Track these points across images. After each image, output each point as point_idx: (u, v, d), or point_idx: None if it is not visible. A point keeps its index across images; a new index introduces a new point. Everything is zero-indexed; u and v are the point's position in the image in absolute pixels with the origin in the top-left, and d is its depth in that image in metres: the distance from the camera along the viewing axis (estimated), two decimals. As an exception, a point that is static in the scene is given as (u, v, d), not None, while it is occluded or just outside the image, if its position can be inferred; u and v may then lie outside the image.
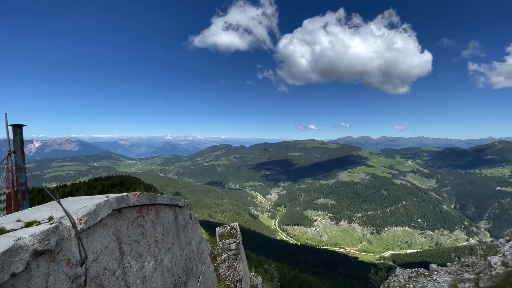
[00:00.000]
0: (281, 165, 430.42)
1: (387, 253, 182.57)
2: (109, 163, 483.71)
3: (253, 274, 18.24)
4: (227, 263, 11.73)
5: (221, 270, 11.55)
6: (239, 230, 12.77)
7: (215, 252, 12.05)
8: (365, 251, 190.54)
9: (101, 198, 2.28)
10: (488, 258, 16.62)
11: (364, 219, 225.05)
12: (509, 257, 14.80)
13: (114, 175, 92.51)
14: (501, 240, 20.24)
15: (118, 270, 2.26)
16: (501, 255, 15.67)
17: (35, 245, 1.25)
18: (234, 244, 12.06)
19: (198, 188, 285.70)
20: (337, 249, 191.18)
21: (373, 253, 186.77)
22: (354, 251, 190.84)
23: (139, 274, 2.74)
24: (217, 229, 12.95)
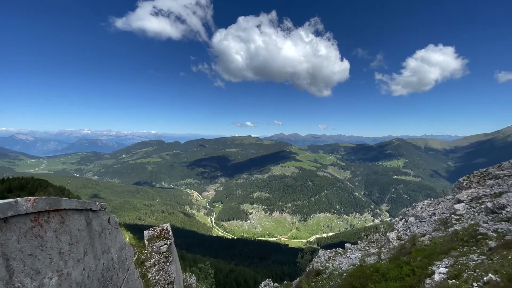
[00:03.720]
0: (218, 162, 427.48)
1: (313, 238, 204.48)
2: (4, 163, 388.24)
3: (187, 274, 17.63)
4: (157, 266, 10.96)
5: (150, 275, 10.72)
6: (170, 231, 12.06)
7: (143, 256, 11.10)
8: (294, 238, 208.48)
9: (-24, 206, 1.87)
10: (387, 234, 20.52)
11: (293, 208, 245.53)
12: (402, 232, 18.58)
13: (11, 177, 73.10)
14: (396, 219, 25.33)
15: (6, 293, 1.94)
16: (396, 231, 19.56)
17: None
18: (165, 246, 11.35)
19: (124, 189, 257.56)
20: (270, 239, 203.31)
21: (301, 239, 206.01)
22: (285, 239, 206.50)
23: (37, 293, 2.35)
24: (146, 232, 11.94)
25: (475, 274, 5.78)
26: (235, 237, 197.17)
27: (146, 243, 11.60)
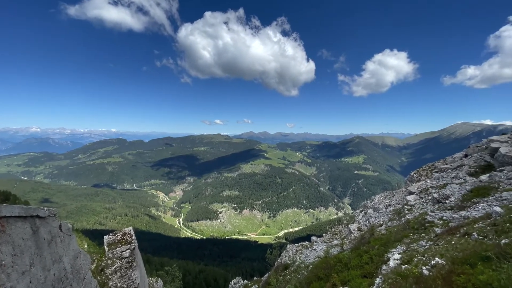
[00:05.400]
0: (186, 161, 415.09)
1: (281, 233, 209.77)
2: None
3: (153, 278, 16.83)
4: (119, 273, 10.28)
5: (111, 283, 10.02)
6: (134, 235, 11.40)
7: (103, 264, 10.33)
8: (264, 234, 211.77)
9: None
10: (349, 226, 21.83)
11: (263, 205, 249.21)
12: (362, 223, 19.88)
13: None
14: (357, 211, 27.10)
15: None
16: (357, 223, 20.89)
17: None
18: (128, 251, 10.69)
19: (81, 192, 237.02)
20: (240, 237, 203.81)
21: (270, 234, 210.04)
22: (255, 236, 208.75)
23: (-29, 312, 1.95)
24: (105, 237, 11.14)
25: (424, 258, 6.43)
26: (205, 237, 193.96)
27: (106, 249, 10.82)
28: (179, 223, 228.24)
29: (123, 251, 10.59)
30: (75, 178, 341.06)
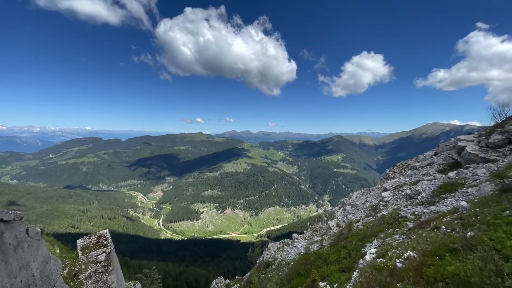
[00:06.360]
0: (166, 160, 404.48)
1: (263, 231, 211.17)
2: None
3: (130, 282, 16.28)
4: (94, 278, 9.82)
5: (85, 289, 9.55)
6: (110, 237, 10.94)
7: (76, 269, 9.82)
8: (246, 233, 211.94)
9: None
10: (328, 222, 22.43)
11: (245, 204, 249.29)
12: (340, 219, 20.48)
13: None
14: (336, 208, 27.86)
15: None
16: (336, 219, 21.49)
17: None
18: (104, 254, 10.25)
19: (53, 194, 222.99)
20: (222, 236, 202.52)
21: (252, 233, 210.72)
22: (237, 235, 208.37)
23: None
24: (79, 241, 10.59)
25: (398, 251, 6.77)
26: (186, 238, 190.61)
27: (80, 253, 10.29)
28: (159, 224, 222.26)
29: (98, 254, 10.13)
30: (45, 179, 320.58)
